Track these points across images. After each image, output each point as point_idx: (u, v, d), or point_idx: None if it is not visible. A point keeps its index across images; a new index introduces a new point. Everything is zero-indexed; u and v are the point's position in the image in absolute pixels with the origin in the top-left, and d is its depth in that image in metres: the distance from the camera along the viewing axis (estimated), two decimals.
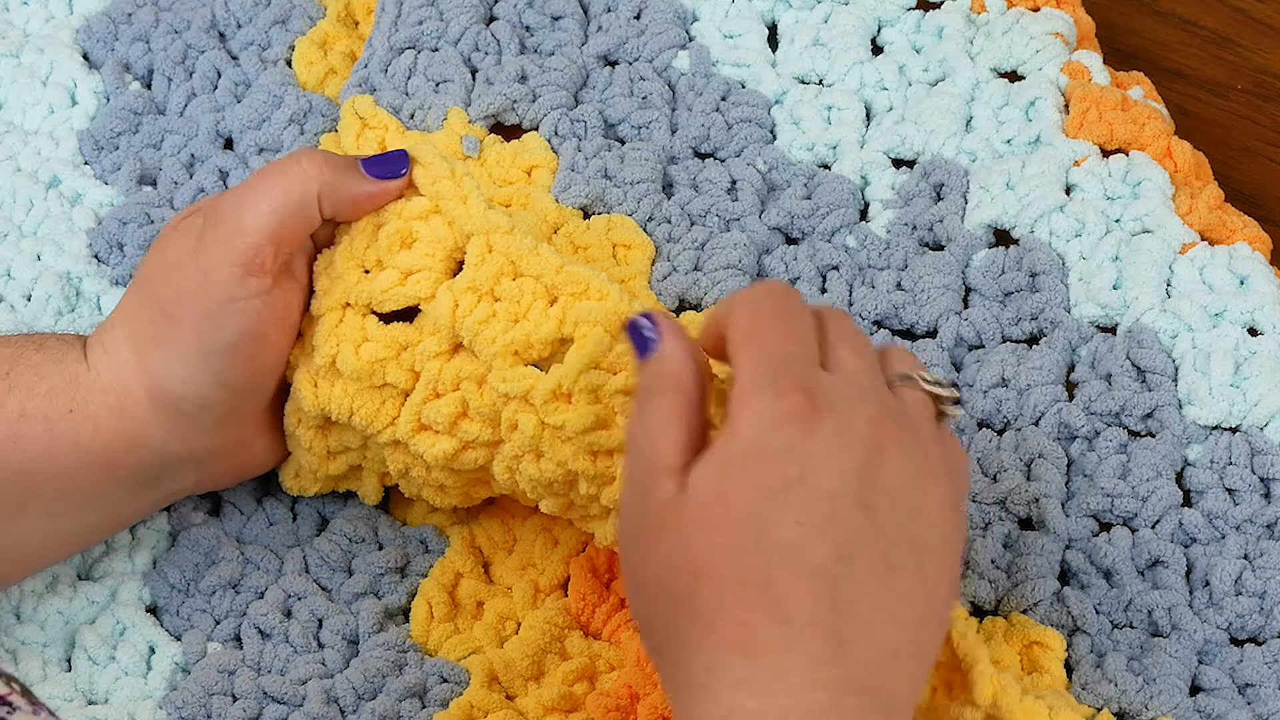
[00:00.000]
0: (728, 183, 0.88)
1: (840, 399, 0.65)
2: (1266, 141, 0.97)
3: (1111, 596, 0.77)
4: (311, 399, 0.75)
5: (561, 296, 0.73)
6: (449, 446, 0.75)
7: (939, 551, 0.66)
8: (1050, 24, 0.91)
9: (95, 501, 0.76)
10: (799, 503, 0.63)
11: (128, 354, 0.75)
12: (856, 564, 0.63)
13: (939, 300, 0.84)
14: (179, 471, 0.77)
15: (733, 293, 0.69)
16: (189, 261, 0.74)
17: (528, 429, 0.73)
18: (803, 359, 0.66)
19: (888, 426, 0.65)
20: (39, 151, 0.90)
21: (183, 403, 0.74)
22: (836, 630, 0.62)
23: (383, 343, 0.75)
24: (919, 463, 0.66)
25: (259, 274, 0.73)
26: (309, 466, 0.79)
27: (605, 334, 0.72)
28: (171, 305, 0.74)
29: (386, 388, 0.75)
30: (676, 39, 0.92)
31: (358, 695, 0.76)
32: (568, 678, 0.77)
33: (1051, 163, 0.86)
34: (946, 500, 0.66)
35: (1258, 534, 0.78)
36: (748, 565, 0.63)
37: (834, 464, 0.64)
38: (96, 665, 0.78)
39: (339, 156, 0.76)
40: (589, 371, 0.72)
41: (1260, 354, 0.81)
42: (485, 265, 0.73)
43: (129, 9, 0.94)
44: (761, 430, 0.64)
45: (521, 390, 0.72)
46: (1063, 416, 0.81)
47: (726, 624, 0.63)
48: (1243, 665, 0.76)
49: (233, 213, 0.74)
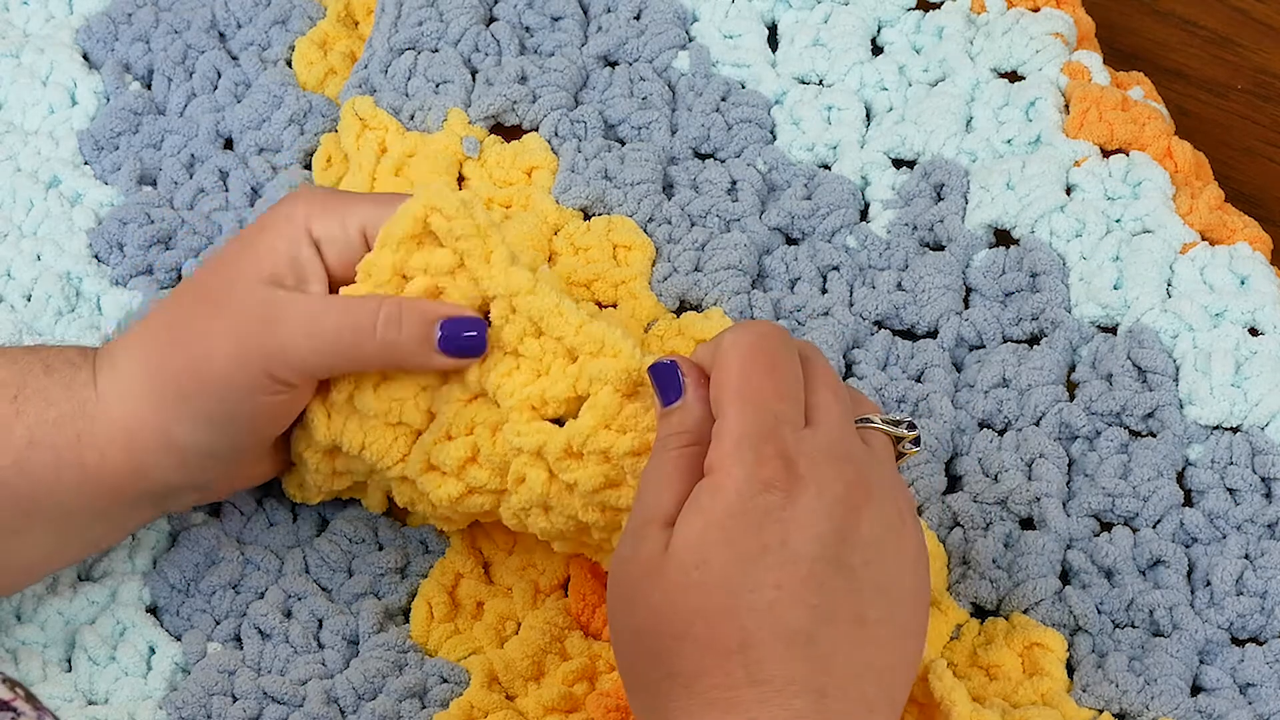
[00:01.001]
0: (728, 183, 0.88)
1: (821, 460, 0.67)
2: (1266, 141, 0.97)
3: (1113, 596, 0.77)
4: (324, 431, 0.75)
5: (580, 355, 0.73)
6: (455, 490, 0.75)
7: (909, 598, 0.68)
8: (1050, 24, 0.91)
9: (98, 521, 0.76)
10: (777, 566, 0.65)
11: (141, 393, 0.74)
12: (833, 622, 0.65)
13: (939, 300, 0.84)
14: (181, 495, 0.77)
15: (723, 332, 0.70)
16: (222, 344, 0.72)
17: (535, 485, 0.73)
18: (787, 420, 0.67)
19: (861, 486, 0.67)
20: (39, 151, 0.90)
21: (191, 452, 0.74)
22: (817, 686, 0.64)
23: (402, 383, 0.75)
24: (890, 515, 0.67)
25: (285, 384, 0.73)
26: (314, 484, 0.79)
27: (616, 393, 0.72)
28: (197, 375, 0.73)
29: (400, 425, 0.75)
30: (676, 39, 0.92)
31: (358, 695, 0.76)
32: (568, 678, 0.77)
33: (1052, 163, 0.86)
34: (915, 546, 0.68)
35: (1259, 534, 0.78)
36: (726, 629, 0.65)
37: (812, 528, 0.66)
38: (96, 665, 0.77)
39: (416, 315, 0.73)
40: (600, 432, 0.72)
41: (1261, 354, 0.81)
42: (509, 327, 0.73)
43: (129, 9, 0.94)
44: (743, 494, 0.66)
45: (534, 445, 0.73)
46: (1064, 416, 0.81)
47: (705, 684, 0.65)
48: (1244, 665, 0.76)
49: (286, 334, 0.72)
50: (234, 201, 0.89)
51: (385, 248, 0.74)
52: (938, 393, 0.82)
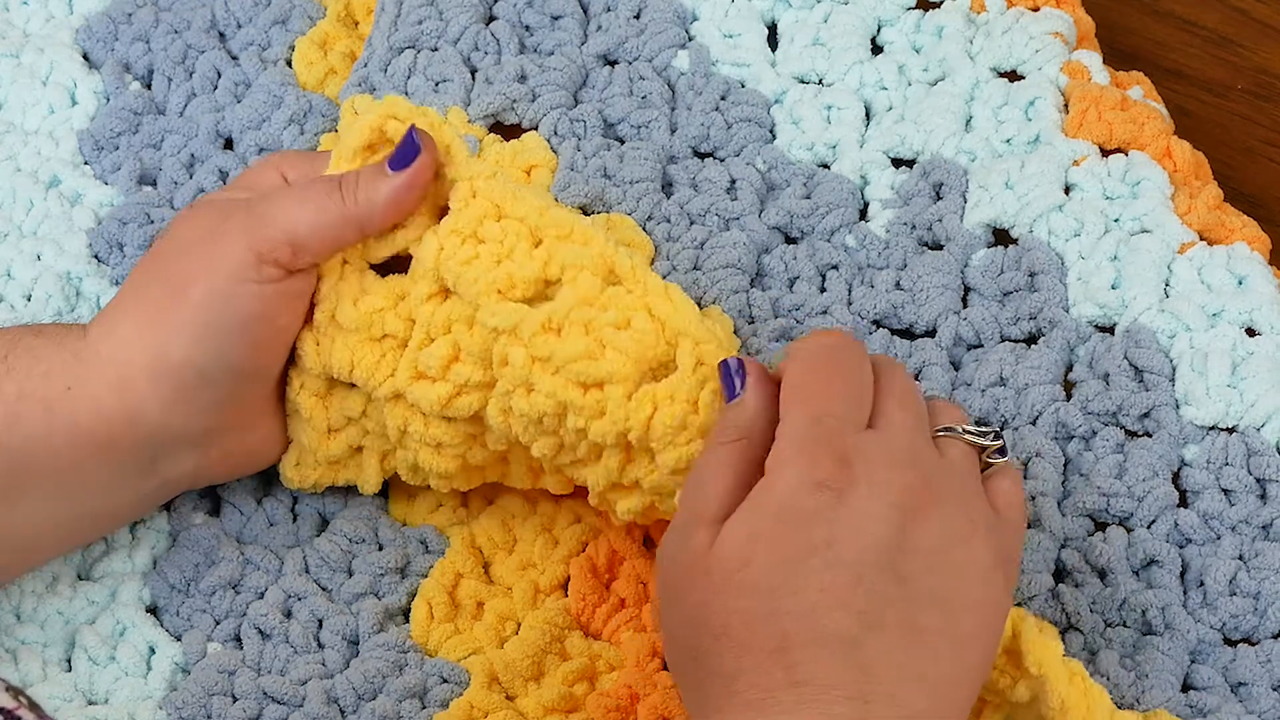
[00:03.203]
0: (727, 182, 0.88)
1: (879, 463, 0.66)
2: (1266, 141, 0.97)
3: (1105, 595, 0.77)
4: (313, 357, 0.76)
5: (546, 239, 0.74)
6: (444, 391, 0.75)
7: (974, 609, 0.66)
8: (1050, 24, 0.91)
9: (93, 486, 0.75)
10: (822, 569, 0.64)
11: (130, 330, 0.74)
12: (881, 629, 0.64)
13: (938, 300, 0.84)
14: (177, 453, 0.77)
15: (801, 338, 0.70)
16: (205, 239, 0.75)
17: (518, 361, 0.73)
18: (848, 420, 0.67)
19: (924, 490, 0.66)
20: (39, 151, 0.91)
21: (184, 373, 0.74)
22: (860, 693, 0.63)
23: (379, 294, 0.76)
24: (958, 523, 0.66)
25: (273, 265, 0.74)
26: (310, 446, 0.79)
27: (595, 278, 0.72)
28: (180, 281, 0.74)
29: (386, 339, 0.76)
30: (676, 38, 0.92)
31: (358, 696, 0.76)
32: (568, 678, 0.77)
33: (1051, 162, 0.86)
34: (987, 557, 0.67)
35: (1253, 535, 0.78)
36: (765, 631, 0.64)
37: (863, 531, 0.65)
38: (96, 665, 0.78)
39: (370, 167, 0.76)
40: (582, 307, 0.73)
41: (1258, 354, 0.81)
42: (469, 209, 0.74)
43: (129, 9, 0.94)
44: (794, 494, 0.65)
45: (510, 324, 0.73)
46: (1060, 416, 0.81)
47: (744, 684, 0.64)
48: (1236, 664, 0.76)
49: (264, 207, 0.75)
50: None
51: (341, 160, 0.76)
52: (935, 391, 0.82)
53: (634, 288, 0.73)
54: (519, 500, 0.82)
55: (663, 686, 0.75)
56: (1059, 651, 0.70)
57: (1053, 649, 0.70)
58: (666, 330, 0.73)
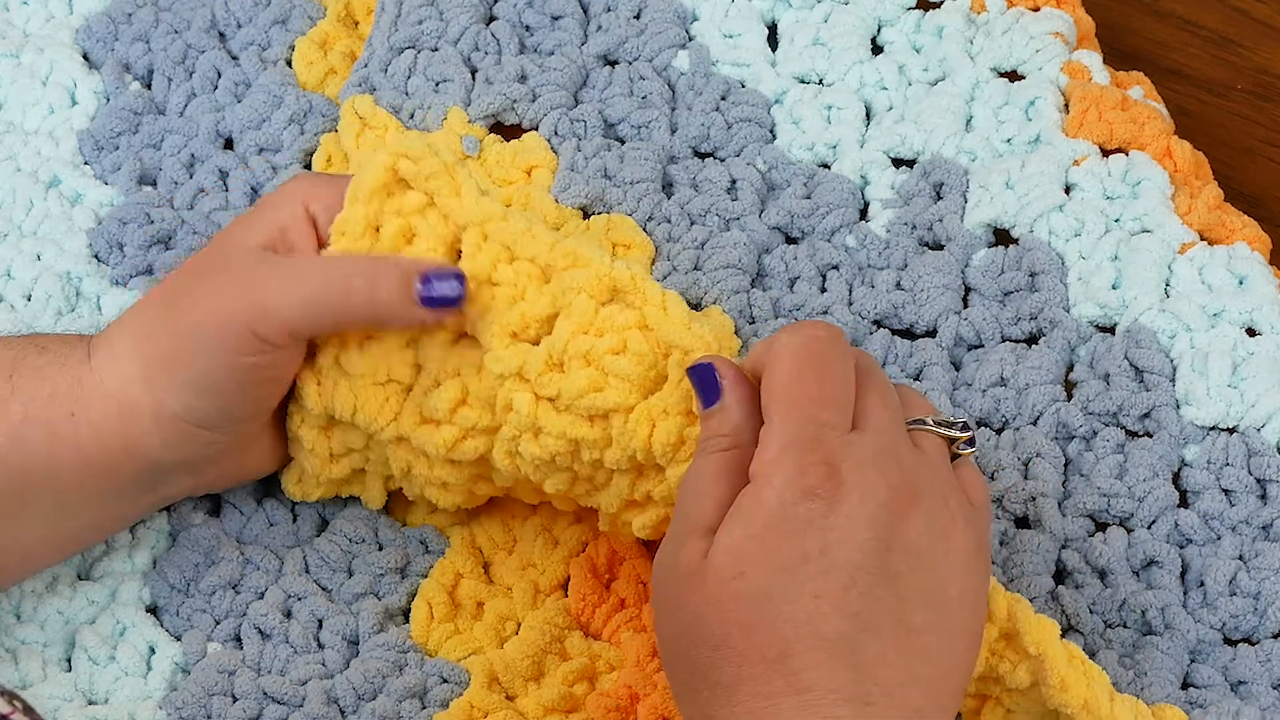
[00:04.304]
0: (727, 182, 0.88)
1: (867, 466, 0.66)
2: (1266, 141, 0.97)
3: (1106, 596, 0.77)
4: (315, 398, 0.75)
5: (554, 273, 0.73)
6: (449, 435, 0.75)
7: (960, 603, 0.67)
8: (1050, 24, 0.91)
9: (94, 503, 0.76)
10: (817, 575, 0.65)
11: (135, 369, 0.74)
12: (878, 631, 0.64)
13: (938, 300, 0.84)
14: (175, 478, 0.77)
15: (778, 332, 0.69)
16: (214, 301, 0.73)
17: (523, 407, 0.73)
18: (833, 424, 0.67)
19: (908, 489, 0.66)
20: (39, 151, 0.91)
21: (184, 421, 0.74)
22: (860, 694, 0.64)
23: (386, 340, 0.75)
24: (940, 520, 0.67)
25: (274, 344, 0.73)
26: (312, 470, 0.79)
27: (589, 299, 0.72)
28: (184, 337, 0.73)
29: (390, 384, 0.75)
30: (676, 39, 0.92)
31: (358, 696, 0.76)
32: (568, 678, 0.77)
33: (1051, 162, 0.86)
34: (969, 549, 0.67)
35: (1253, 535, 0.78)
36: (764, 639, 0.64)
37: (855, 536, 0.65)
38: (96, 665, 0.78)
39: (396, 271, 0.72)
40: (578, 338, 0.72)
41: (1258, 354, 0.81)
42: (481, 254, 0.74)
43: (129, 9, 0.94)
44: (784, 503, 0.65)
45: (514, 367, 0.73)
46: (1061, 416, 0.81)
47: (745, 694, 0.64)
48: (1235, 664, 0.76)
49: (276, 292, 0.72)
50: (234, 201, 0.89)
51: (356, 202, 0.74)
52: (936, 391, 0.82)
53: (635, 299, 0.73)
54: (519, 500, 0.82)
55: (663, 686, 0.75)
56: (1056, 632, 0.70)
57: (1050, 628, 0.70)
58: (659, 343, 0.72)
